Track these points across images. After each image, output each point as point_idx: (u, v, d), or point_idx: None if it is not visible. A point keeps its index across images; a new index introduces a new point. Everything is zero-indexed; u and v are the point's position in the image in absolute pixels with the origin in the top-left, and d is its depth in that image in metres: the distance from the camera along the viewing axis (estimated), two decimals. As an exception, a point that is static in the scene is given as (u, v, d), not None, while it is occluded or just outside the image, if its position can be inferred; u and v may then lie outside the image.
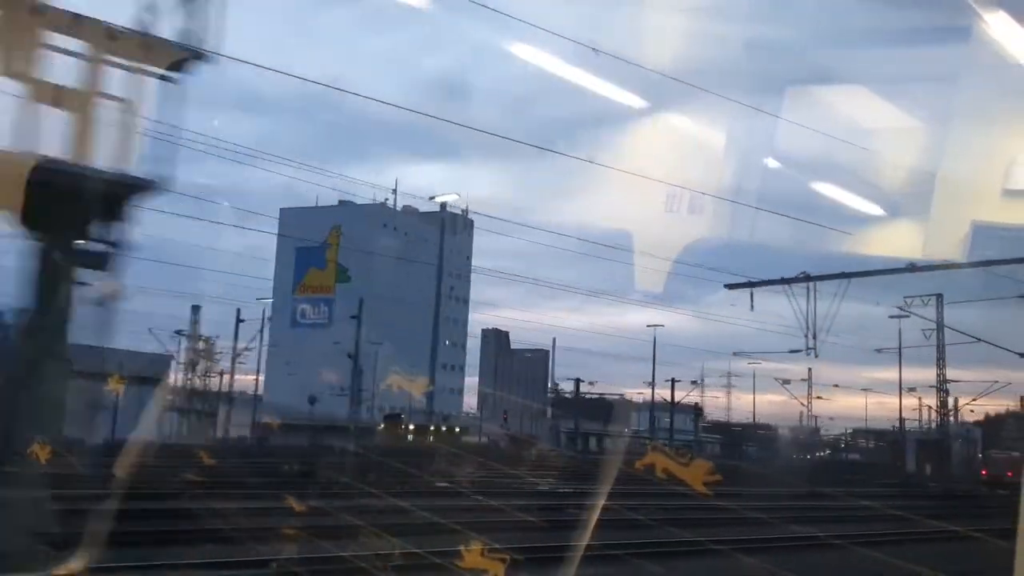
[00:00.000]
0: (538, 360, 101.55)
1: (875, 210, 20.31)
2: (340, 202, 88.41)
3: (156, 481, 16.72)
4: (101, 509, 6.91)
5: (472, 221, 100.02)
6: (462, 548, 4.62)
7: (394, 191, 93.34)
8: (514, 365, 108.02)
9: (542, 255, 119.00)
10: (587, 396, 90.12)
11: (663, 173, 20.50)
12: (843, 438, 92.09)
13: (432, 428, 68.34)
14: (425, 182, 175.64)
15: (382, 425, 62.15)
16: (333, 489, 17.55)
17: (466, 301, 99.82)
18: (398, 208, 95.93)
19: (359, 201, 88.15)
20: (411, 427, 64.12)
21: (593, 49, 13.37)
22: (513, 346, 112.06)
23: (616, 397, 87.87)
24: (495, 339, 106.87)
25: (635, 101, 14.17)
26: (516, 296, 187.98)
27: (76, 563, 6.07)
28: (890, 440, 73.28)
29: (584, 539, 7.75)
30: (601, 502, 9.41)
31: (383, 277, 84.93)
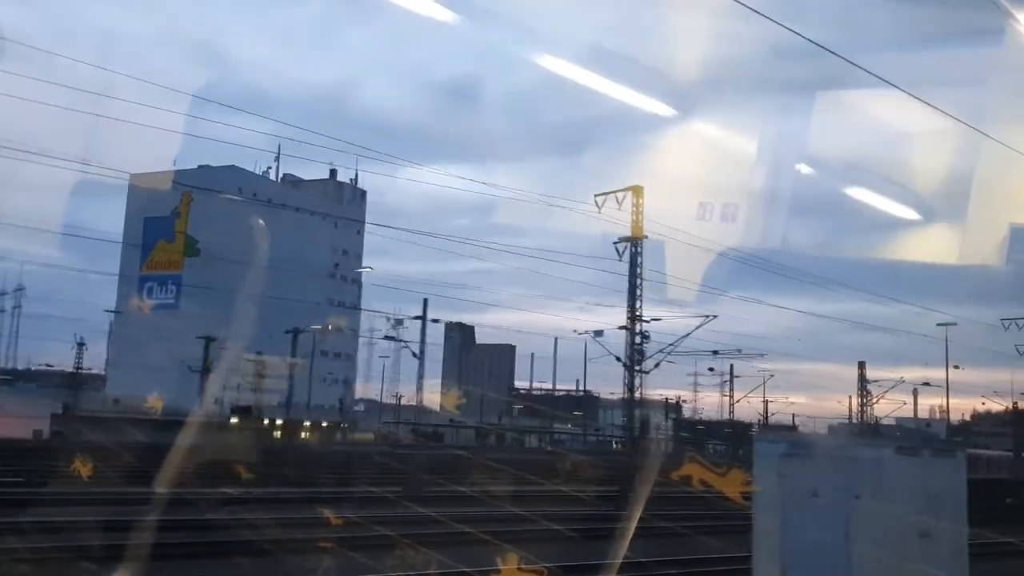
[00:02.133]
0: (503, 356, 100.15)
1: (910, 214, 19.70)
2: (200, 166, 77.90)
3: None
4: None
5: (364, 192, 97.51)
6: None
7: (277, 157, 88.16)
8: (479, 360, 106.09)
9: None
10: (548, 392, 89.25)
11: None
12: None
13: (308, 424, 62.74)
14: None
15: (234, 419, 54.71)
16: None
17: (356, 281, 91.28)
18: (278, 177, 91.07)
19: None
20: (278, 422, 58.72)
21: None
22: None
23: (580, 393, 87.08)
24: (459, 333, 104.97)
25: (663, 109, 13.56)
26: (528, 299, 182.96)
27: None
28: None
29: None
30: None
31: (241, 249, 73.91)
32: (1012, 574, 13.80)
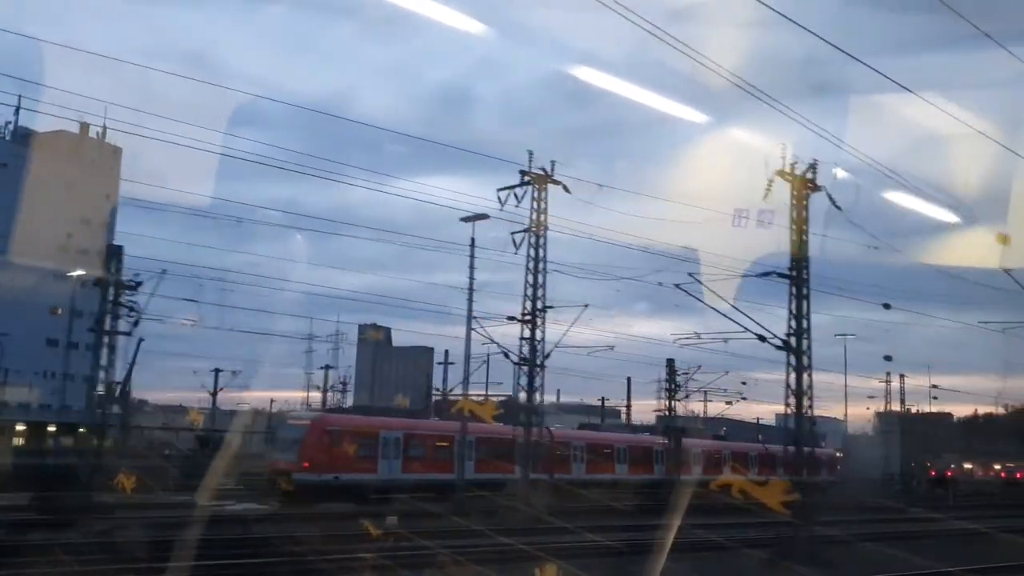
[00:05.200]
0: (420, 360, 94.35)
1: (950, 218, 21.15)
2: None
3: None
4: None
5: (119, 150, 79.81)
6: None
7: (16, 109, 68.37)
8: (394, 364, 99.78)
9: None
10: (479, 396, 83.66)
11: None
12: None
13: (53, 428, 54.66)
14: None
15: None
16: None
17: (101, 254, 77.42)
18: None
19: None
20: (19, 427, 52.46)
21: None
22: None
23: (504, 397, 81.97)
24: (374, 335, 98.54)
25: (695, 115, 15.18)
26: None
27: None
28: None
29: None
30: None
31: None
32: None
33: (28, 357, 64.97)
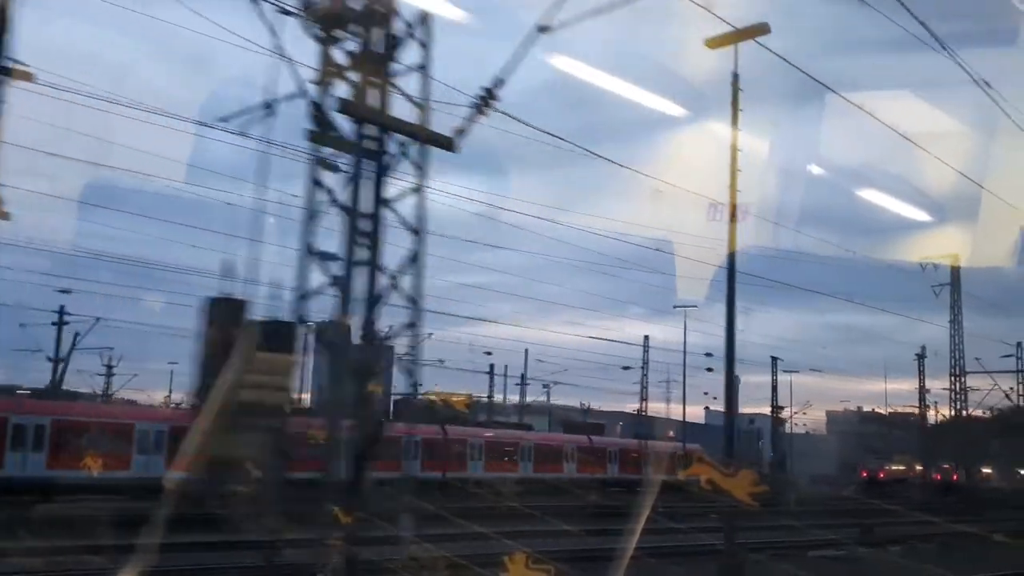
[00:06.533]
0: (381, 355, 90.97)
1: (920, 216, 21.55)
2: None
3: None
4: None
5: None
6: None
7: None
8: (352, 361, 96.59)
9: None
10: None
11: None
12: None
13: None
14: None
15: None
16: None
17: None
18: None
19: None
20: None
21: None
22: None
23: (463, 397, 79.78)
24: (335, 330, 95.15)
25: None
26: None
27: None
28: None
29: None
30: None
31: None
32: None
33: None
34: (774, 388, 61.89)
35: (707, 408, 76.89)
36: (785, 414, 67.10)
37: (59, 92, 16.19)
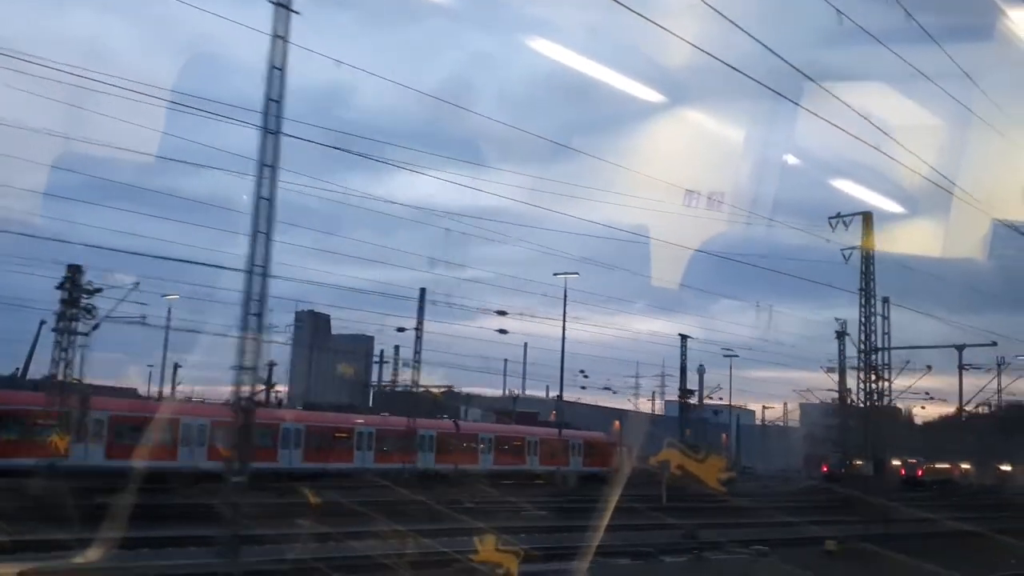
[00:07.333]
0: (358, 350, 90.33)
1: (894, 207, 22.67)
2: None
3: None
4: None
5: None
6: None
7: None
8: (332, 354, 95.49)
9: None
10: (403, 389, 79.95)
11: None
12: None
13: None
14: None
15: None
16: None
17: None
18: None
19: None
20: None
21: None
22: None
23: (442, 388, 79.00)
24: (311, 323, 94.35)
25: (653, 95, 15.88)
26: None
27: None
28: None
29: None
30: None
31: None
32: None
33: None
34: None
35: (667, 401, 77.67)
36: (755, 407, 67.50)
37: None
